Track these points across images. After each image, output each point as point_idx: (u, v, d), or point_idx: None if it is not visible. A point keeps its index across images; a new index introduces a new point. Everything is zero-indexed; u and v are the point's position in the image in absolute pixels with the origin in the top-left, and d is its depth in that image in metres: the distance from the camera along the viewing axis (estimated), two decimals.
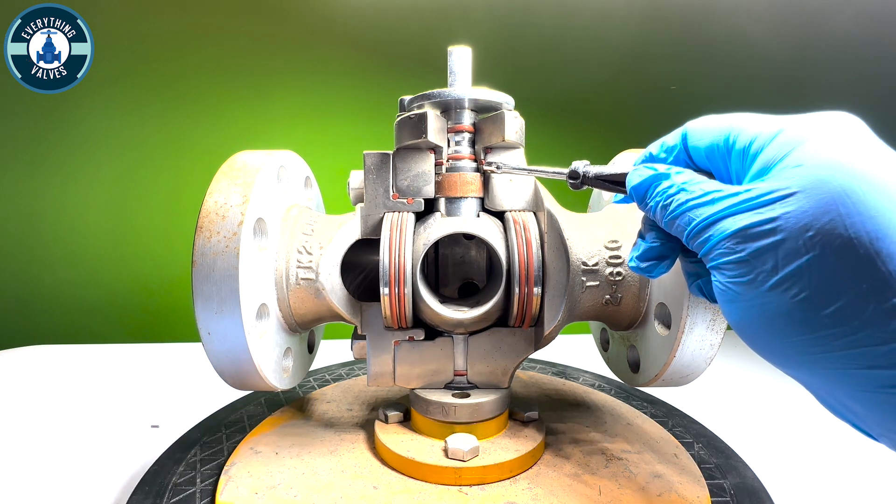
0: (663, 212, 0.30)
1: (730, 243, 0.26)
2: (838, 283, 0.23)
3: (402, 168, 0.45)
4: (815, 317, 0.23)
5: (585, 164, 0.36)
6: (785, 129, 0.26)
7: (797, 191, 0.24)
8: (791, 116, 0.27)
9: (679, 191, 0.30)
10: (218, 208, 0.40)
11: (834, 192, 0.23)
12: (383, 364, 0.46)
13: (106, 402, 0.75)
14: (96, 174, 1.13)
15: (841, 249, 0.22)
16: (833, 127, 0.25)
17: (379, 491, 0.41)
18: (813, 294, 0.23)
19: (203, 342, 0.41)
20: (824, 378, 0.25)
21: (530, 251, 0.42)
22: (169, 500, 0.42)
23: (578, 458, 0.46)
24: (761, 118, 0.28)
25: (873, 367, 0.23)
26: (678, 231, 0.30)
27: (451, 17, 1.18)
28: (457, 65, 0.45)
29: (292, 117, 1.18)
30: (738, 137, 0.28)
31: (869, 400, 0.24)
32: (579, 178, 0.35)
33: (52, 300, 1.14)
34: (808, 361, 0.25)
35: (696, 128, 0.31)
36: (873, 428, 0.25)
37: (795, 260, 0.23)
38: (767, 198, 0.25)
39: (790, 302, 0.24)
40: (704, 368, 0.43)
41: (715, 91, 1.27)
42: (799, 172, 0.24)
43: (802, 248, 0.23)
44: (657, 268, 0.33)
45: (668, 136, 0.33)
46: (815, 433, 0.66)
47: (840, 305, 0.23)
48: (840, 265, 0.23)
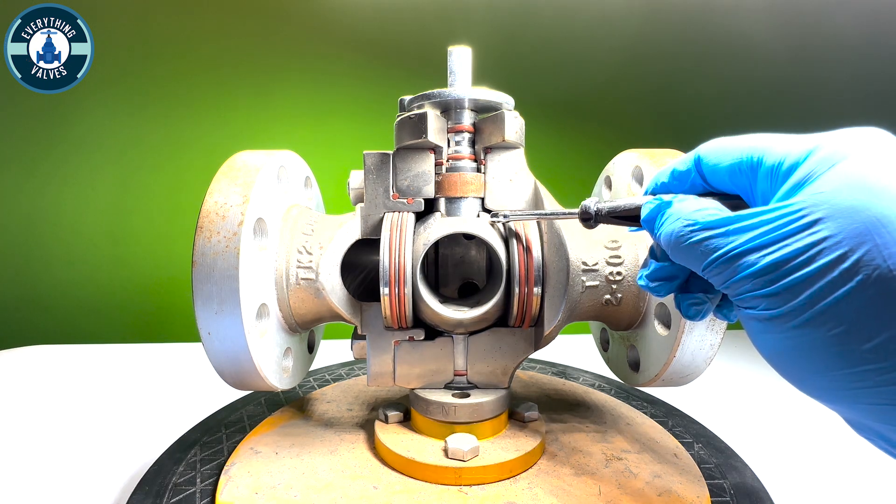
0: (668, 241, 0.29)
1: (759, 279, 0.24)
2: (879, 316, 0.21)
3: (402, 168, 0.45)
4: (855, 351, 0.22)
5: (595, 201, 0.34)
6: (819, 147, 0.24)
7: (828, 217, 0.22)
8: (822, 134, 0.25)
9: (693, 222, 0.27)
10: (218, 208, 0.40)
11: (869, 221, 0.21)
12: (383, 364, 0.46)
13: (106, 402, 0.75)
14: (96, 174, 1.13)
15: (879, 282, 0.21)
16: (867, 146, 0.24)
17: (379, 491, 0.41)
18: (851, 328, 0.22)
19: (203, 342, 0.41)
20: (868, 413, 0.24)
21: (530, 251, 0.42)
22: (169, 500, 0.42)
23: (578, 458, 0.46)
24: (783, 137, 0.27)
25: None
26: (691, 262, 0.28)
27: (451, 17, 1.18)
28: (457, 65, 0.45)
29: (292, 117, 1.18)
30: (765, 156, 0.26)
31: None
32: (592, 218, 0.34)
33: (52, 300, 1.14)
34: (849, 396, 0.23)
35: (712, 149, 0.30)
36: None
37: (830, 294, 0.22)
38: (797, 224, 0.23)
39: (826, 336, 0.23)
40: (704, 368, 0.43)
41: (715, 91, 1.27)
42: (830, 198, 0.22)
43: (838, 281, 0.22)
44: (665, 287, 0.32)
45: (678, 160, 0.32)
46: (816, 433, 0.66)
47: (883, 339, 0.22)
48: (879, 298, 0.21)
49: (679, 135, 1.22)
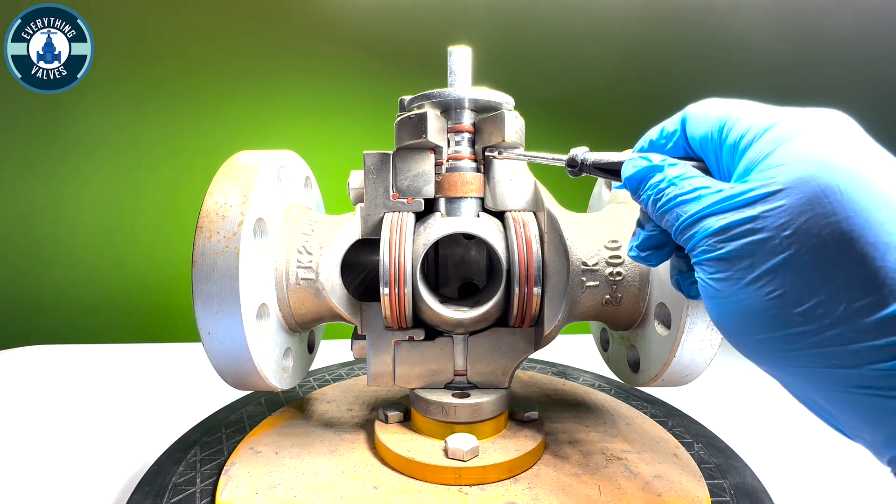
0: (654, 206, 0.30)
1: (712, 241, 0.26)
2: (812, 282, 0.23)
3: (402, 168, 0.45)
4: (788, 314, 0.24)
5: (585, 150, 0.35)
6: (775, 125, 0.26)
7: (779, 189, 0.24)
8: (785, 110, 0.27)
9: (669, 185, 0.30)
10: (218, 208, 0.40)
11: (814, 192, 0.23)
12: (383, 364, 0.46)
13: (106, 402, 0.75)
14: (96, 174, 1.13)
15: (816, 249, 0.23)
16: (822, 125, 0.25)
17: (379, 491, 0.41)
18: (787, 292, 0.23)
19: (203, 342, 0.41)
20: (799, 377, 0.25)
21: (530, 251, 0.42)
22: (169, 500, 0.42)
23: (578, 458, 0.46)
24: (758, 108, 0.28)
25: (841, 367, 0.23)
26: (668, 226, 0.30)
27: (451, 17, 1.18)
28: (457, 65, 0.45)
29: (292, 117, 1.18)
30: (732, 130, 0.28)
31: (839, 400, 0.24)
32: (577, 166, 0.35)
33: (52, 300, 1.14)
34: (781, 359, 0.25)
35: (695, 113, 0.31)
36: (848, 429, 0.25)
37: (772, 258, 0.24)
38: (750, 195, 0.25)
39: (764, 299, 0.24)
40: (704, 368, 0.43)
41: (715, 91, 1.26)
42: (783, 171, 0.24)
43: (779, 247, 0.23)
44: (656, 256, 0.33)
45: (669, 120, 0.33)
46: (815, 433, 0.66)
47: (812, 304, 0.23)
48: (814, 264, 0.23)
49: None
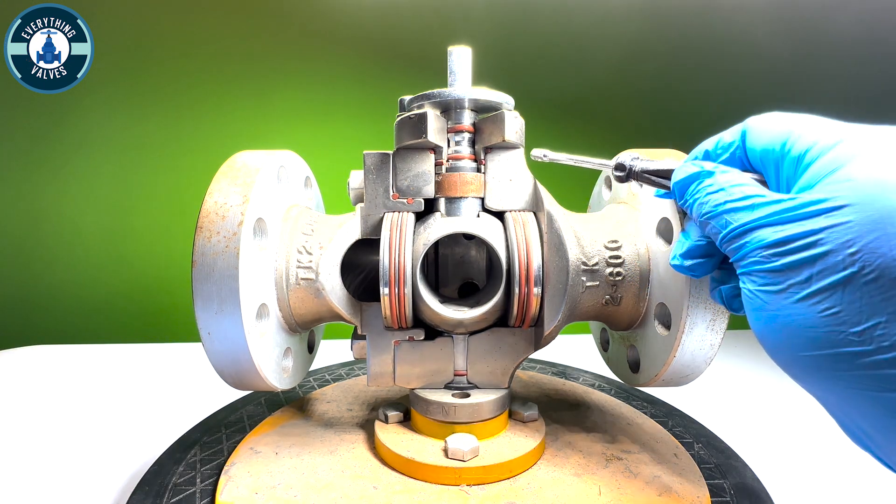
0: (700, 210, 0.29)
1: (766, 253, 0.25)
2: (873, 302, 0.22)
3: (402, 168, 0.45)
4: (843, 333, 0.23)
5: (633, 156, 0.34)
6: (843, 141, 0.25)
7: (845, 204, 0.23)
8: (853, 126, 0.26)
9: (719, 190, 0.29)
10: (218, 208, 0.40)
11: (884, 211, 0.22)
12: (383, 364, 0.46)
13: (106, 402, 0.75)
14: (96, 174, 1.13)
15: (882, 269, 0.22)
16: (892, 143, 0.24)
17: (379, 491, 0.41)
18: (844, 311, 0.23)
19: (203, 342, 0.41)
20: (845, 399, 0.24)
21: (530, 251, 0.42)
22: (169, 500, 0.42)
23: (578, 458, 0.46)
24: (825, 123, 0.27)
25: (894, 391, 0.22)
26: (713, 232, 0.29)
27: (451, 17, 1.18)
28: (457, 65, 0.45)
29: (292, 117, 1.18)
30: (796, 143, 0.27)
31: (886, 426, 0.23)
32: (625, 172, 0.34)
33: (52, 300, 1.14)
34: (829, 379, 0.24)
35: (757, 126, 0.30)
36: (889, 456, 0.25)
37: (832, 275, 0.23)
38: (812, 209, 0.24)
39: (818, 316, 0.23)
40: (704, 368, 0.43)
41: (715, 91, 1.27)
42: (849, 186, 0.23)
43: (842, 264, 0.23)
44: (703, 267, 0.32)
45: (727, 131, 0.32)
46: (815, 433, 0.66)
47: (871, 325, 0.22)
48: (877, 284, 0.22)
49: (679, 134, 1.21)
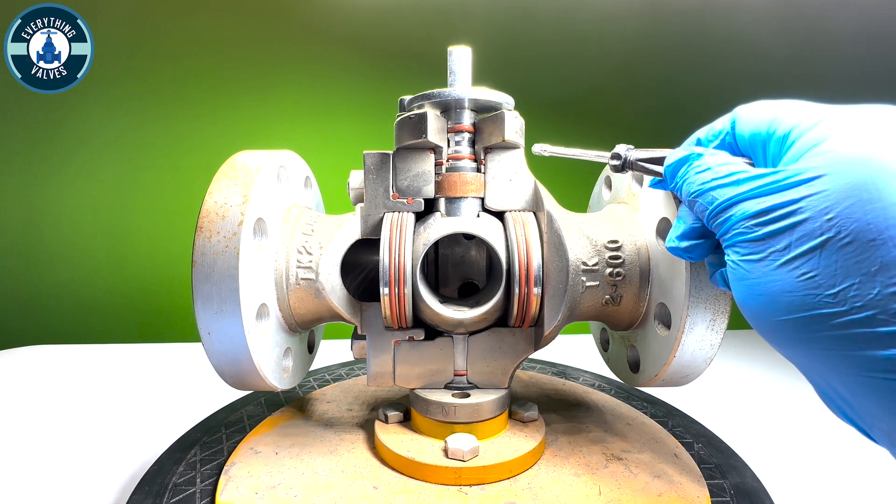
0: (688, 189, 0.30)
1: (748, 223, 0.26)
2: (847, 265, 0.23)
3: (402, 168, 0.45)
4: (819, 296, 0.24)
5: (628, 147, 0.36)
6: (825, 119, 0.26)
7: (823, 174, 0.24)
8: (836, 107, 0.27)
9: (706, 170, 0.30)
10: (218, 208, 0.40)
11: (860, 178, 0.23)
12: (383, 364, 0.46)
13: (106, 401, 0.75)
14: (96, 174, 1.13)
15: (857, 233, 0.23)
16: (872, 119, 0.25)
17: (379, 491, 0.41)
18: (820, 274, 0.24)
19: (203, 342, 0.41)
20: (820, 360, 0.25)
21: (530, 251, 0.42)
22: (169, 500, 0.42)
23: (578, 458, 0.46)
24: (807, 107, 0.28)
25: (867, 350, 0.23)
26: (700, 210, 0.30)
27: (451, 17, 1.18)
28: (457, 65, 0.45)
29: (292, 117, 1.18)
30: (781, 125, 0.28)
31: (860, 385, 0.24)
32: (621, 161, 0.36)
33: (52, 300, 1.14)
34: (805, 341, 0.25)
35: (745, 114, 0.31)
36: (865, 419, 0.25)
37: (810, 241, 0.24)
38: (793, 180, 0.25)
39: (796, 281, 0.25)
40: (704, 368, 0.43)
41: (715, 90, 1.26)
42: (828, 157, 0.24)
43: (818, 231, 0.24)
44: (699, 249, 0.33)
45: (718, 120, 0.33)
46: (815, 433, 0.66)
47: (845, 286, 0.23)
48: (852, 248, 0.23)
49: (679, 134, 1.21)
